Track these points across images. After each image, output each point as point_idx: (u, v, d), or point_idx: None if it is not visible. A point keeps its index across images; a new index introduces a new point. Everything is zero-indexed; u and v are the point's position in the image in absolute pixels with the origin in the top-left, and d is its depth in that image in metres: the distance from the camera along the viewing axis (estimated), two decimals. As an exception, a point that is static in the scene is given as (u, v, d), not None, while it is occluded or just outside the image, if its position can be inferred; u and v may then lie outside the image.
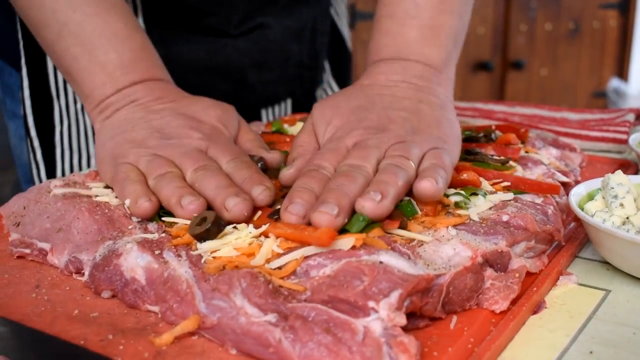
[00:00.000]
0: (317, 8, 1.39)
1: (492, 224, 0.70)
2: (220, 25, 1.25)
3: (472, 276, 0.62)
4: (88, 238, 0.73)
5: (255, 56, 1.30)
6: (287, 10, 1.33)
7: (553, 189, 0.80)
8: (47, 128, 1.21)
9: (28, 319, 0.63)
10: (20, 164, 1.31)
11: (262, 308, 0.57)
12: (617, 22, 4.12)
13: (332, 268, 0.60)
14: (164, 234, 0.72)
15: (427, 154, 0.77)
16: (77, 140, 1.23)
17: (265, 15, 1.29)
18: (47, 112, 1.20)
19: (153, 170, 0.80)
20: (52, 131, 1.21)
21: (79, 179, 0.88)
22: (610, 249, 0.71)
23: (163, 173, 0.79)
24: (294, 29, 1.35)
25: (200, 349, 0.58)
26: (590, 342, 0.60)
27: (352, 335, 0.53)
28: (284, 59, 1.35)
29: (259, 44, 1.30)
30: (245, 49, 1.28)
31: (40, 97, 1.19)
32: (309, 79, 1.43)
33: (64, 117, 1.21)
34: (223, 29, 1.26)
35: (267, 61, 1.32)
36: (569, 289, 0.70)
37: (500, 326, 0.60)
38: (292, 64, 1.38)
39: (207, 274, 0.62)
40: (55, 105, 1.20)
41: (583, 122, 1.27)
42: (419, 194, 0.71)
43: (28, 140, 1.20)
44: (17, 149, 1.31)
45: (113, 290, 0.66)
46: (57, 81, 1.19)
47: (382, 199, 0.67)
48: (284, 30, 1.33)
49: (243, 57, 1.26)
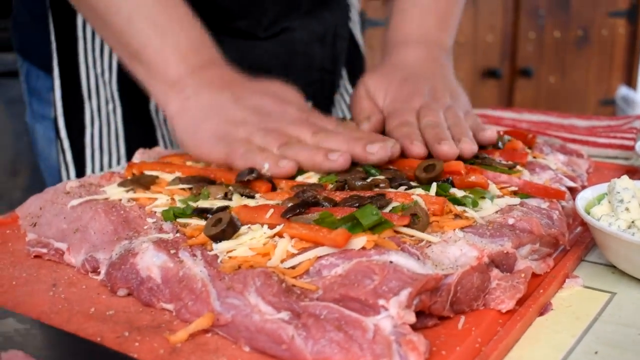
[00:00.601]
0: (338, 13, 1.43)
1: (498, 227, 0.71)
2: (250, 28, 1.28)
3: (478, 276, 0.63)
4: (104, 238, 0.75)
5: (282, 58, 1.32)
6: (310, 15, 1.36)
7: (559, 195, 0.82)
8: (77, 129, 1.23)
9: (45, 316, 0.65)
10: (48, 167, 1.33)
11: (275, 306, 0.58)
12: (625, 30, 4.12)
13: (344, 267, 0.62)
14: (178, 234, 0.73)
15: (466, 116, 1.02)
16: (107, 140, 1.25)
17: (291, 19, 1.32)
18: (78, 114, 1.23)
19: (273, 142, 0.85)
20: (83, 132, 1.23)
21: (94, 181, 0.90)
22: (616, 252, 0.72)
23: (285, 142, 0.84)
24: (318, 33, 1.37)
25: (214, 346, 0.59)
26: (596, 343, 0.61)
27: (363, 332, 0.55)
28: (308, 62, 1.38)
29: (286, 46, 1.33)
30: (273, 51, 1.30)
31: (71, 98, 1.21)
32: (329, 83, 1.46)
33: (95, 118, 1.23)
34: (252, 32, 1.28)
35: (292, 64, 1.35)
36: (575, 291, 0.71)
37: (508, 326, 0.61)
38: (315, 68, 1.40)
39: (222, 273, 0.63)
40: (86, 107, 1.23)
41: (590, 129, 1.28)
42: None
43: (58, 141, 1.22)
44: (45, 151, 1.32)
45: (129, 289, 0.68)
46: (89, 83, 1.22)
47: None
48: (309, 34, 1.35)
49: (271, 59, 1.30)
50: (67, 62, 1.21)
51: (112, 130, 1.25)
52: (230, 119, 0.90)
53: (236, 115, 0.91)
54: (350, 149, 0.83)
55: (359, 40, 1.56)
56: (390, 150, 0.85)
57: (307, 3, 1.34)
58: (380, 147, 0.83)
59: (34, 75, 1.29)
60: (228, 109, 0.92)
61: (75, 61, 1.21)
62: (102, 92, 1.23)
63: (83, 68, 1.21)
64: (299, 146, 0.84)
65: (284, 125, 0.88)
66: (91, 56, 1.21)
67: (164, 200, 0.82)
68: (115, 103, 1.24)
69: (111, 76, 1.23)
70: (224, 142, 0.88)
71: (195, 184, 0.84)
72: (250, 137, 0.87)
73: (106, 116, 1.24)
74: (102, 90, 1.23)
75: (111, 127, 1.25)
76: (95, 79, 1.22)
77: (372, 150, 0.83)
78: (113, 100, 1.24)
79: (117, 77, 1.23)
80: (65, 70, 1.21)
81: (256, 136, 0.86)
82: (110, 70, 1.23)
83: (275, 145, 0.84)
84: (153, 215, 0.79)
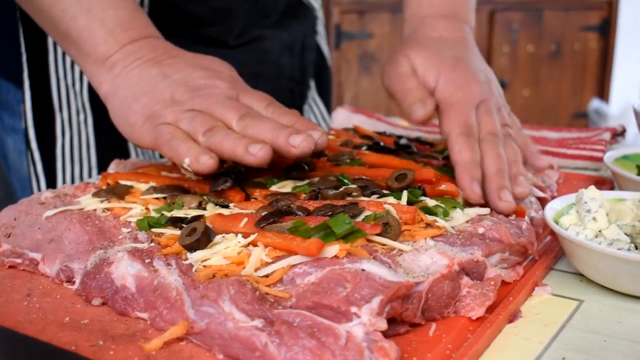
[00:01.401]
0: (306, 24, 1.45)
1: (469, 236, 0.73)
2: (220, 36, 1.28)
3: (449, 283, 0.65)
4: (79, 248, 0.75)
5: (252, 67, 1.33)
6: (280, 25, 1.37)
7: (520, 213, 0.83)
8: (48, 141, 1.22)
9: (20, 326, 0.65)
10: (19, 179, 1.32)
11: (249, 314, 0.59)
12: (597, 44, 4.18)
13: (317, 276, 0.62)
14: (153, 243, 0.74)
15: None
16: (78, 151, 1.24)
17: (261, 28, 1.33)
18: (49, 125, 1.22)
19: (199, 127, 0.82)
20: (54, 143, 1.22)
21: (69, 191, 0.90)
22: (583, 261, 0.74)
23: (211, 127, 0.81)
24: (287, 43, 1.39)
25: (188, 353, 0.60)
26: (563, 349, 0.63)
27: (335, 339, 0.56)
28: (278, 72, 1.39)
29: (256, 55, 1.34)
30: (244, 59, 1.31)
31: (42, 110, 1.21)
32: (298, 93, 1.47)
33: (66, 129, 1.22)
34: (223, 40, 1.29)
35: (263, 73, 1.35)
36: (543, 299, 0.73)
37: (477, 333, 0.62)
38: (285, 77, 1.41)
39: (196, 282, 0.64)
40: (57, 118, 1.22)
41: (561, 141, 1.31)
42: None
43: (28, 153, 1.21)
44: (16, 163, 1.31)
45: (103, 298, 0.68)
46: (60, 93, 1.21)
47: None
48: (279, 43, 1.37)
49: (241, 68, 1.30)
50: (38, 74, 1.20)
51: (83, 140, 1.25)
52: (159, 98, 0.87)
53: (164, 93, 0.87)
54: (273, 140, 0.79)
55: (325, 53, 1.58)
56: (316, 142, 0.80)
57: (277, 13, 1.36)
58: (303, 139, 0.78)
59: (3, 88, 1.28)
60: (156, 87, 0.88)
61: (45, 72, 1.21)
62: (73, 102, 1.23)
63: (54, 79, 1.20)
64: (223, 134, 0.80)
65: (211, 106, 0.84)
66: (62, 67, 1.21)
67: (139, 210, 0.82)
68: (86, 113, 1.24)
69: (82, 87, 1.23)
70: (151, 125, 0.85)
71: (169, 193, 0.84)
72: (176, 121, 0.84)
73: (77, 127, 1.24)
74: (73, 100, 1.23)
75: (82, 138, 1.24)
76: (66, 89, 1.22)
77: (294, 143, 0.78)
78: (84, 110, 1.24)
79: (88, 88, 1.23)
80: (35, 81, 1.20)
81: (183, 122, 0.83)
82: (81, 81, 1.22)
83: (201, 131, 0.81)
84: (128, 225, 0.79)
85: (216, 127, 0.81)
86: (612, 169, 1.01)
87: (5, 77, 1.27)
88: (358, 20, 3.64)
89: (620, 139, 1.35)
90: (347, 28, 3.54)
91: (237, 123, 0.82)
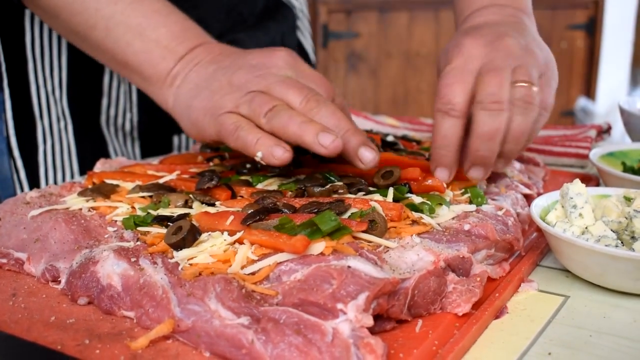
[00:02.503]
0: (284, 24, 1.45)
1: (455, 233, 0.73)
2: None
3: (435, 280, 0.65)
4: (65, 247, 0.75)
5: None
6: (256, 27, 1.37)
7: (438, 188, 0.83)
8: (30, 148, 1.21)
9: (5, 325, 0.65)
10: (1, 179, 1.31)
11: (235, 311, 0.59)
12: (584, 43, 4.20)
13: (303, 273, 0.62)
14: (139, 242, 0.73)
15: None
16: (60, 157, 1.24)
17: (236, 32, 1.32)
18: (30, 132, 1.21)
19: (259, 109, 0.79)
20: (36, 151, 1.22)
21: (54, 191, 0.89)
22: (570, 257, 0.74)
23: (271, 108, 0.78)
24: (264, 43, 1.38)
25: (174, 352, 0.60)
26: (549, 345, 0.63)
27: (322, 336, 0.56)
28: None
29: None
30: None
31: (23, 117, 1.20)
32: None
33: (47, 136, 1.22)
34: None
35: None
36: (529, 295, 0.73)
37: (464, 329, 0.63)
38: None
39: (182, 280, 0.64)
40: (38, 125, 1.21)
41: (547, 138, 1.31)
42: None
43: (11, 160, 1.21)
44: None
45: (89, 297, 0.68)
46: (40, 101, 1.20)
47: None
48: (255, 45, 1.36)
49: None
50: (18, 82, 1.20)
51: (64, 147, 1.24)
52: (217, 87, 0.85)
53: (222, 81, 0.86)
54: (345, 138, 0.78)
55: (307, 49, 1.58)
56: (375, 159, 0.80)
57: (253, 17, 1.35)
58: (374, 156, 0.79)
59: None
60: (214, 79, 0.87)
61: (25, 80, 1.20)
62: (53, 110, 1.22)
63: (34, 87, 1.20)
64: (287, 116, 0.77)
65: (271, 85, 0.82)
66: (41, 75, 1.20)
67: (125, 209, 0.82)
68: (66, 120, 1.24)
69: (62, 94, 1.22)
70: (212, 117, 0.83)
71: (155, 192, 0.84)
72: (236, 107, 0.81)
73: (58, 133, 1.23)
74: (53, 108, 1.22)
75: (63, 144, 1.24)
76: (46, 97, 1.21)
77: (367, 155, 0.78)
78: (64, 117, 1.23)
79: (67, 95, 1.23)
80: (15, 89, 1.19)
81: (242, 106, 0.81)
82: (60, 88, 1.22)
83: (261, 113, 0.78)
84: (114, 224, 0.79)
85: (277, 106, 0.78)
86: (597, 166, 1.01)
87: None
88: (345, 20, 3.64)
89: (606, 137, 1.36)
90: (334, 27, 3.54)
91: (301, 105, 0.79)
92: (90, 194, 0.85)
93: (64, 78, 1.22)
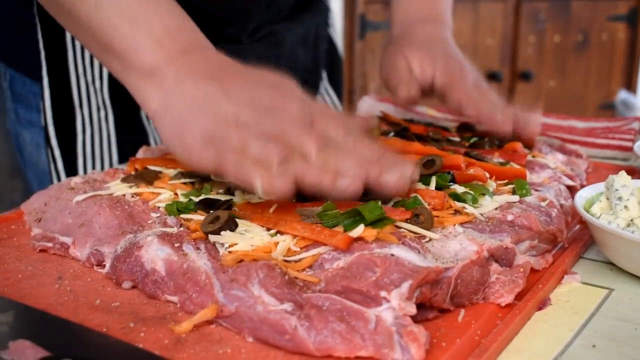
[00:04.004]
0: (318, 16, 1.46)
1: (498, 223, 0.73)
2: (236, 35, 1.28)
3: (478, 269, 0.64)
4: (109, 232, 0.76)
5: (267, 61, 1.33)
6: (292, 18, 1.38)
7: (520, 174, 0.86)
8: (68, 137, 1.22)
9: (52, 308, 0.66)
10: (36, 173, 1.31)
11: (278, 297, 0.59)
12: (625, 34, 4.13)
13: (346, 260, 0.63)
14: (182, 227, 0.74)
15: None
16: (99, 148, 1.24)
17: (274, 23, 1.33)
18: (69, 122, 1.22)
19: (274, 156, 0.71)
20: (74, 140, 1.22)
21: (98, 177, 0.91)
22: (615, 250, 0.73)
23: (287, 155, 0.71)
24: (300, 35, 1.39)
25: (218, 336, 0.60)
26: (593, 337, 0.62)
27: (365, 323, 0.56)
28: (293, 64, 1.39)
29: (271, 49, 1.34)
30: (259, 53, 1.31)
31: (62, 107, 1.21)
32: (312, 84, 1.47)
33: (87, 126, 1.23)
34: (237, 38, 1.29)
35: (278, 65, 1.35)
36: (573, 287, 0.72)
37: (507, 320, 0.62)
38: (299, 69, 1.42)
39: (225, 266, 0.64)
40: (77, 114, 1.22)
41: (589, 130, 1.29)
42: None
43: (49, 150, 1.21)
44: (33, 157, 1.31)
45: (133, 281, 0.69)
46: (80, 91, 1.21)
47: None
48: (292, 36, 1.37)
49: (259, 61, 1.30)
50: (57, 71, 1.20)
51: (104, 137, 1.24)
52: (221, 118, 0.76)
53: (228, 113, 0.77)
54: (363, 175, 0.71)
55: (336, 43, 1.59)
56: (410, 179, 0.73)
57: (288, 8, 1.36)
58: (398, 177, 0.72)
59: (19, 81, 1.28)
60: (218, 105, 0.77)
61: (65, 70, 1.20)
62: (93, 99, 1.23)
63: (73, 77, 1.20)
64: (303, 165, 0.71)
65: (286, 130, 0.74)
66: (81, 65, 1.21)
67: (167, 195, 0.83)
68: (107, 110, 1.24)
69: (102, 84, 1.23)
70: (214, 147, 0.75)
71: (197, 178, 0.85)
72: (245, 144, 0.73)
73: (98, 123, 1.24)
74: (93, 97, 1.23)
75: (103, 135, 1.24)
76: (86, 86, 1.22)
77: (388, 181, 0.71)
78: (105, 107, 1.24)
79: (109, 85, 1.23)
80: (54, 79, 1.20)
81: (253, 144, 0.73)
82: (101, 79, 1.22)
83: (276, 159, 0.71)
84: (157, 210, 0.80)
85: (293, 155, 0.72)
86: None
87: (21, 71, 1.27)
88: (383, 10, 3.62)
89: (649, 129, 1.33)
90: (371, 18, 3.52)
91: (318, 155, 0.73)
92: (133, 180, 0.86)
93: (104, 68, 1.22)
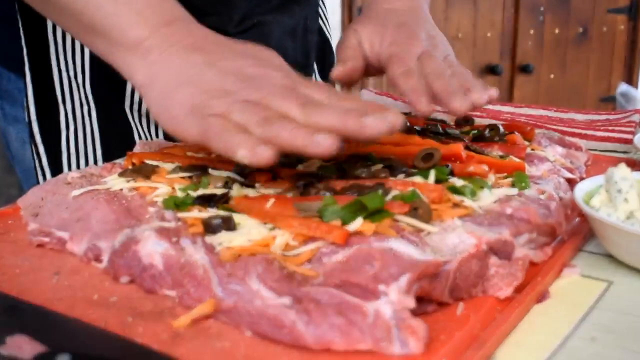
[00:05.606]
0: (308, 8, 1.43)
1: (496, 216, 0.72)
2: (220, 25, 1.27)
3: (477, 262, 0.64)
4: (107, 227, 0.75)
5: None
6: (280, 8, 1.35)
7: (519, 167, 0.85)
8: (52, 134, 1.21)
9: (49, 303, 0.65)
10: (23, 169, 1.30)
11: (277, 291, 0.59)
12: (625, 27, 4.13)
13: (344, 254, 0.62)
14: (179, 222, 0.74)
15: None
16: (83, 143, 1.23)
17: (261, 14, 1.32)
18: (52, 118, 1.20)
19: (253, 116, 0.72)
20: (58, 136, 1.21)
21: (95, 171, 0.90)
22: (615, 243, 0.73)
23: (266, 116, 0.71)
24: (289, 26, 1.37)
25: (216, 330, 0.60)
26: (593, 330, 0.62)
27: (363, 317, 0.55)
28: (282, 55, 1.38)
29: (257, 41, 1.33)
30: None
31: (45, 103, 1.19)
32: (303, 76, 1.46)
33: (70, 122, 1.21)
34: (222, 28, 1.28)
35: None
36: (572, 280, 0.72)
37: (506, 313, 0.62)
38: (289, 61, 1.40)
39: (223, 261, 0.64)
40: (61, 110, 1.20)
41: (589, 123, 1.29)
42: None
43: (33, 146, 1.20)
44: (20, 153, 1.30)
45: (131, 276, 0.69)
46: (63, 86, 1.20)
47: None
48: (280, 28, 1.35)
49: None
50: (39, 67, 1.18)
51: (87, 132, 1.23)
52: (206, 88, 0.77)
53: (213, 83, 0.77)
54: (342, 124, 0.70)
55: (329, 35, 1.57)
56: (390, 122, 0.70)
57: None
58: (378, 119, 0.69)
59: (4, 77, 1.27)
60: (202, 75, 0.78)
61: (47, 65, 1.18)
62: (76, 94, 1.21)
63: (56, 72, 1.19)
64: (282, 123, 0.70)
65: (268, 95, 0.75)
66: (63, 59, 1.19)
67: (165, 190, 0.82)
68: (90, 105, 1.22)
69: (84, 78, 1.21)
70: (198, 117, 0.75)
71: (195, 173, 0.85)
72: (228, 111, 0.74)
73: (81, 119, 1.22)
74: (76, 93, 1.21)
75: (87, 130, 1.23)
76: (69, 82, 1.20)
77: (366, 122, 0.69)
78: (88, 102, 1.22)
79: (90, 80, 1.21)
80: (37, 74, 1.18)
81: (235, 112, 0.73)
82: (83, 73, 1.21)
83: (255, 121, 0.71)
84: (154, 205, 0.79)
85: (273, 116, 0.72)
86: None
87: (5, 67, 1.26)
88: None
89: (650, 121, 1.33)
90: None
91: (298, 112, 0.72)
92: (130, 175, 0.86)
93: (86, 62, 1.20)
